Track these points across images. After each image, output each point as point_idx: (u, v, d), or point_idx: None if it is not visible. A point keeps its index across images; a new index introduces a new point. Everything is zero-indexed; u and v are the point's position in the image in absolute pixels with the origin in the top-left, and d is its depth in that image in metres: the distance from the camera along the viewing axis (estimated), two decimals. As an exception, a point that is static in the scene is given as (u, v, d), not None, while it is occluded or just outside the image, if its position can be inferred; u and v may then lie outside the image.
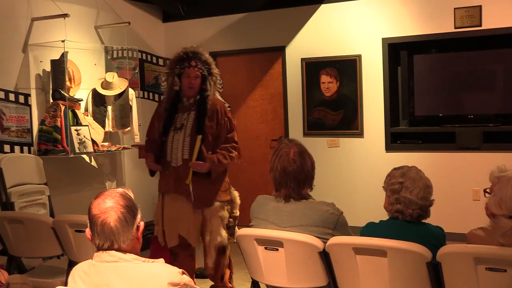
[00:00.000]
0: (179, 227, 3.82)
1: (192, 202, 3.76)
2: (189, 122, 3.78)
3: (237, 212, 3.98)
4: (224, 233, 3.82)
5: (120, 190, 1.97)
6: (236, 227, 3.93)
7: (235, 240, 3.81)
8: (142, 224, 1.97)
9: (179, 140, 3.77)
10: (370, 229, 2.71)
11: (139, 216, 1.96)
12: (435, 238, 2.57)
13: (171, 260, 3.86)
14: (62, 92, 5.11)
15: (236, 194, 4.02)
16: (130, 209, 1.91)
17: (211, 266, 3.86)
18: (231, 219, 3.91)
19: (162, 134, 3.80)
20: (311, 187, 2.80)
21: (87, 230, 1.94)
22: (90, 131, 5.28)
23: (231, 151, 3.84)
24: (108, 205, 1.89)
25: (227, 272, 4.02)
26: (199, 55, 3.83)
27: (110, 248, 1.90)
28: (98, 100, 5.68)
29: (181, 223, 3.82)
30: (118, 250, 1.90)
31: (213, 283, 4.08)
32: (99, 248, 1.92)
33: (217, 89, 3.91)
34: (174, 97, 3.84)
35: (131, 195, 1.97)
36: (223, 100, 3.97)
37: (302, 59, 6.22)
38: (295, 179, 2.72)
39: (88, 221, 1.93)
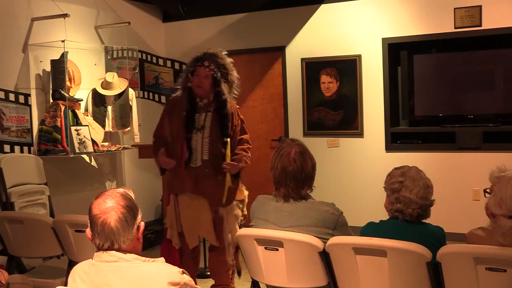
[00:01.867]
0: (198, 228, 3.82)
1: (224, 203, 3.76)
2: (207, 123, 3.75)
3: (246, 211, 3.99)
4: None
5: (121, 190, 1.97)
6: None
7: None
8: (142, 224, 1.97)
9: (198, 141, 3.73)
10: (370, 229, 2.71)
11: (139, 216, 1.96)
12: (435, 238, 2.57)
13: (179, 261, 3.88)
14: (62, 92, 5.11)
15: (246, 193, 4.03)
16: (130, 209, 1.91)
17: (232, 264, 3.86)
18: (241, 218, 3.94)
19: (187, 132, 3.73)
20: (310, 188, 2.79)
21: (88, 230, 1.94)
22: (90, 131, 5.28)
23: (247, 151, 3.85)
24: (109, 205, 1.89)
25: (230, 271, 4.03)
26: (216, 57, 3.78)
27: (110, 248, 1.90)
28: (98, 100, 5.68)
29: (200, 224, 3.80)
30: (118, 250, 1.90)
31: (213, 283, 4.09)
32: (99, 248, 1.92)
33: (232, 95, 3.88)
34: (190, 96, 3.76)
35: (132, 195, 1.97)
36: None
37: (302, 59, 6.22)
38: (294, 178, 2.72)
39: (88, 221, 1.93)
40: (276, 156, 2.79)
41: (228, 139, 3.73)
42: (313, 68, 6.17)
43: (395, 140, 5.86)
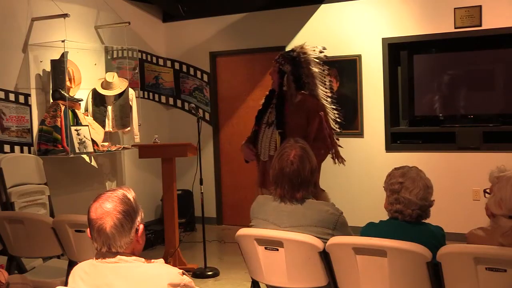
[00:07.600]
0: None
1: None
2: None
3: None
4: None
5: (119, 193, 1.93)
6: None
7: None
8: (141, 227, 1.94)
9: (268, 136, 3.82)
10: (370, 229, 2.71)
11: (138, 218, 1.93)
12: (435, 238, 2.57)
13: None
14: (62, 92, 5.11)
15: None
16: (127, 214, 1.89)
17: None
18: None
19: (255, 125, 3.88)
20: (307, 191, 2.78)
21: (88, 231, 1.94)
22: (90, 131, 5.28)
23: (319, 149, 3.83)
24: (105, 210, 1.87)
25: None
26: (292, 51, 3.87)
27: (108, 252, 1.89)
28: (98, 100, 5.68)
29: None
30: (117, 254, 1.90)
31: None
32: (98, 252, 1.92)
33: (317, 89, 3.91)
34: (272, 92, 3.90)
35: (132, 196, 1.94)
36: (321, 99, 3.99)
37: (302, 59, 6.21)
38: (290, 181, 2.71)
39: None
40: (277, 156, 2.79)
41: (277, 131, 3.77)
42: (313, 68, 6.16)
43: (395, 140, 5.86)
